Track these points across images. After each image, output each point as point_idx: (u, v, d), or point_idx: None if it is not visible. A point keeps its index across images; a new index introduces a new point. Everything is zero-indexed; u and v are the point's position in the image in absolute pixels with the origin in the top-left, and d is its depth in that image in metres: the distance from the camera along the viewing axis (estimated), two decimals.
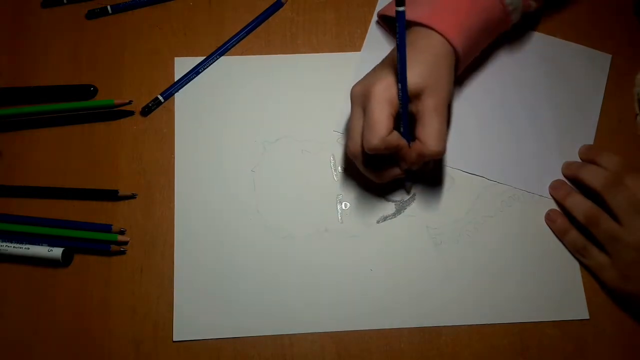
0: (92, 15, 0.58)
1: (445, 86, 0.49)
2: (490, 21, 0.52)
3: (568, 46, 0.58)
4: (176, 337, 0.50)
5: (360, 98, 0.49)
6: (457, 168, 0.55)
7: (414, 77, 0.47)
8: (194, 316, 0.50)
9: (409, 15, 0.50)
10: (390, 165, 0.51)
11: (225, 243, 0.52)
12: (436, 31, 0.49)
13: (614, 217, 0.49)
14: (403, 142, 0.48)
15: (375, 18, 0.59)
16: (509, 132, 0.56)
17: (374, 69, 0.51)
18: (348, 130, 0.50)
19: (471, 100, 0.57)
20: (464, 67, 0.53)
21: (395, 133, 0.48)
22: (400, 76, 0.46)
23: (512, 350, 0.50)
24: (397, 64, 0.46)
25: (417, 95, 0.48)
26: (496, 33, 0.54)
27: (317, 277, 0.52)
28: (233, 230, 0.53)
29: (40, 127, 0.55)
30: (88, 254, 0.52)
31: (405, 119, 0.49)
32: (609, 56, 0.58)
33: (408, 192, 0.54)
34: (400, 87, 0.47)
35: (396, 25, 0.45)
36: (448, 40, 0.49)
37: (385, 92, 0.47)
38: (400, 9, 0.44)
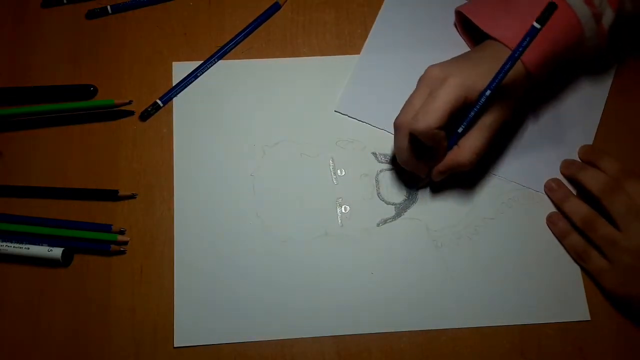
0: (92, 15, 0.60)
1: (510, 109, 0.52)
2: (570, 47, 0.53)
3: None
4: (177, 343, 0.51)
5: (433, 81, 0.50)
6: None
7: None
8: (194, 321, 0.52)
9: (495, 33, 0.52)
10: (421, 158, 0.53)
11: (225, 247, 0.54)
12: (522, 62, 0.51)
13: (612, 222, 0.51)
14: (445, 143, 0.50)
15: (378, 21, 0.61)
16: (510, 128, 0.57)
17: (458, 61, 0.52)
18: (407, 102, 0.51)
19: None
20: (536, 82, 0.54)
21: (443, 132, 0.49)
22: (486, 90, 0.49)
23: (512, 350, 0.51)
24: (487, 72, 0.49)
25: (483, 111, 0.51)
26: (572, 52, 0.55)
27: (318, 281, 0.53)
28: (233, 235, 0.54)
29: (40, 127, 0.57)
30: (88, 254, 0.53)
31: (464, 129, 0.51)
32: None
33: (418, 188, 0.56)
34: (484, 95, 0.49)
35: (521, 40, 0.47)
36: (529, 70, 0.51)
37: (457, 89, 0.49)
38: (537, 25, 0.46)
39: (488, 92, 0.49)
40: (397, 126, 0.51)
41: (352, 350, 0.51)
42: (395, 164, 0.56)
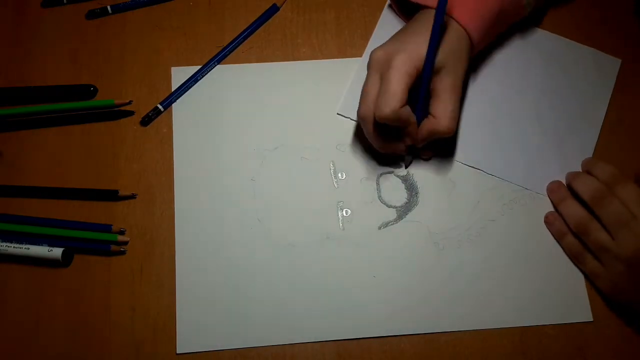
0: (92, 15, 0.63)
1: (463, 66, 0.54)
2: (505, 11, 0.56)
3: (578, 48, 0.63)
4: (180, 350, 0.53)
5: (380, 64, 0.53)
6: (457, 160, 0.59)
7: (438, 55, 0.52)
8: (196, 327, 0.54)
9: (426, 1, 0.55)
10: (395, 138, 0.55)
11: (226, 251, 0.56)
12: (453, 18, 0.54)
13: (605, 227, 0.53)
14: (413, 119, 0.53)
15: (380, 23, 0.63)
16: (512, 129, 0.60)
17: (397, 37, 0.55)
18: (362, 93, 0.54)
19: (476, 95, 0.61)
20: (477, 51, 0.58)
21: (407, 108, 0.52)
22: (428, 54, 0.51)
23: (512, 351, 0.54)
24: (428, 39, 0.51)
25: (437, 72, 0.53)
26: (509, 23, 0.59)
27: (320, 285, 0.55)
28: (234, 239, 0.56)
29: (40, 127, 0.59)
30: (88, 254, 0.56)
31: (424, 96, 0.53)
32: (619, 61, 0.62)
33: (406, 166, 0.59)
34: (426, 64, 0.52)
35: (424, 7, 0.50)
36: (465, 29, 0.54)
37: (406, 64, 0.51)
38: None
39: (426, 62, 0.51)
40: (361, 118, 0.54)
41: (352, 351, 0.54)
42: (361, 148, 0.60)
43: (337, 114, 0.61)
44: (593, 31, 0.63)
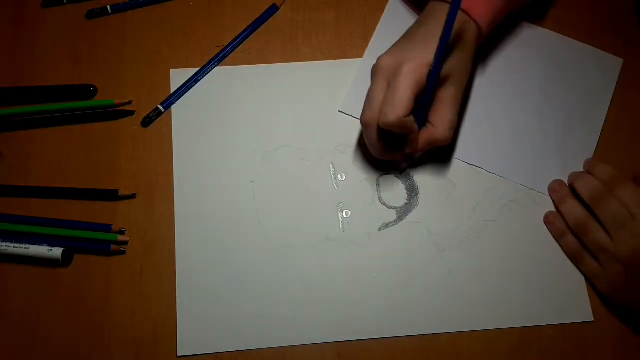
0: (92, 15, 0.64)
1: (467, 76, 0.55)
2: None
3: (580, 47, 0.63)
4: (180, 352, 0.54)
5: (389, 71, 0.52)
6: (458, 158, 0.60)
7: (445, 65, 0.52)
8: (197, 330, 0.54)
9: None
10: (394, 145, 0.56)
11: (226, 253, 0.57)
12: (469, 16, 0.54)
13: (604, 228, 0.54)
14: (416, 127, 0.53)
15: (381, 22, 0.64)
16: (513, 128, 0.61)
17: (406, 41, 0.55)
18: (367, 99, 0.54)
19: (478, 94, 0.62)
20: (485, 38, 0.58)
21: (411, 117, 0.52)
22: (435, 65, 0.51)
23: (512, 351, 0.54)
24: (435, 49, 0.51)
25: (442, 82, 0.53)
26: (517, 6, 0.59)
27: (320, 287, 0.56)
28: (234, 240, 0.57)
29: (40, 127, 0.60)
30: (88, 254, 0.56)
31: (427, 105, 0.54)
32: (621, 60, 0.63)
33: (402, 172, 0.59)
34: (432, 74, 0.52)
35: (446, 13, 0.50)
36: (479, 26, 0.54)
37: (415, 72, 0.51)
38: None
39: (432, 72, 0.51)
40: (365, 123, 0.54)
41: (353, 352, 0.54)
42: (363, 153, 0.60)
43: (339, 111, 0.61)
44: (594, 31, 0.64)
